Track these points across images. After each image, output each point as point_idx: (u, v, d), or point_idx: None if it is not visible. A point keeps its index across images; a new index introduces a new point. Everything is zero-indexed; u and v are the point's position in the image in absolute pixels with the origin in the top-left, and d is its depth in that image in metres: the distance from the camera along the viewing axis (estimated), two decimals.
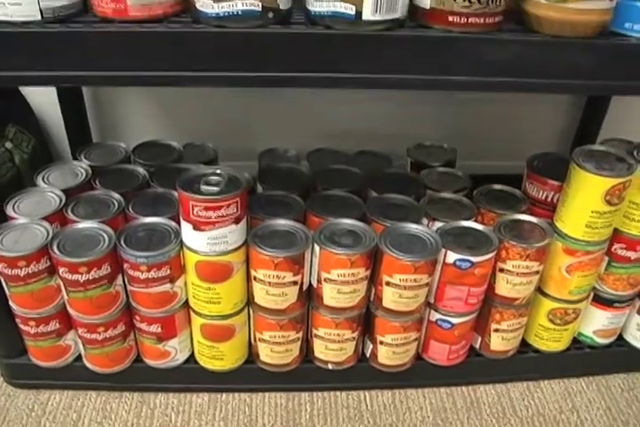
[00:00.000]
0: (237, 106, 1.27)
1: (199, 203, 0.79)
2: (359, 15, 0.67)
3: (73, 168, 1.04)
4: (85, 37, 0.68)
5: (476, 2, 0.68)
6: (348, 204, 0.96)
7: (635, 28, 0.74)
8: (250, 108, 1.27)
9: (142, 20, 0.69)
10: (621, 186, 0.88)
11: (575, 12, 0.70)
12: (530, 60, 0.71)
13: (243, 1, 0.66)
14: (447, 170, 1.09)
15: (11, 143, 1.16)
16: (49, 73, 0.70)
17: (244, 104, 1.26)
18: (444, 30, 0.70)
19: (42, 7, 0.69)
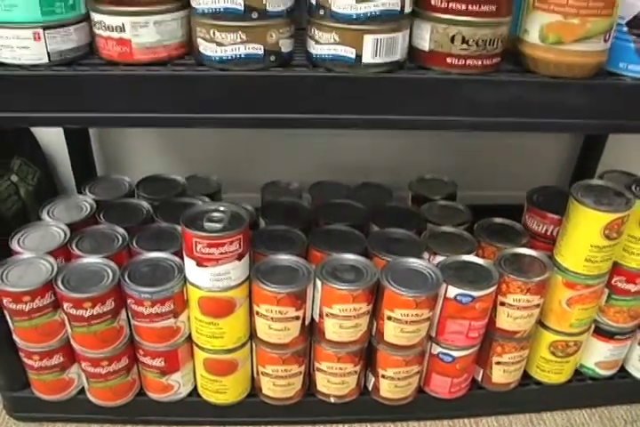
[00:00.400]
0: (240, 139, 1.28)
1: (202, 240, 0.80)
2: (359, 58, 0.68)
3: (78, 202, 1.05)
4: (91, 80, 0.70)
5: (473, 44, 0.70)
6: (349, 238, 0.97)
7: (629, 67, 0.75)
8: (252, 140, 1.28)
9: (147, 62, 0.71)
10: (620, 221, 0.88)
11: (571, 54, 0.71)
12: (527, 101, 0.72)
13: (245, 45, 0.67)
14: (448, 203, 1.10)
15: (16, 176, 1.17)
16: (56, 114, 0.71)
17: (247, 137, 1.28)
18: (442, 72, 0.71)
19: (49, 50, 0.71)
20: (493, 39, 0.70)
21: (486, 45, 0.70)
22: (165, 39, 0.70)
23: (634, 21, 0.73)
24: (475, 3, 0.68)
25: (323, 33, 0.68)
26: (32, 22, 0.69)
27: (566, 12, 0.69)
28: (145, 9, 0.68)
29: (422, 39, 0.71)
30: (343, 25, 0.67)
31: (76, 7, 0.71)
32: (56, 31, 0.70)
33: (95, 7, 0.69)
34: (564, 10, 0.69)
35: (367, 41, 0.67)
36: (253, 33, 0.67)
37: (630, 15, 0.73)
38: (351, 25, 0.67)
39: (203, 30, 0.68)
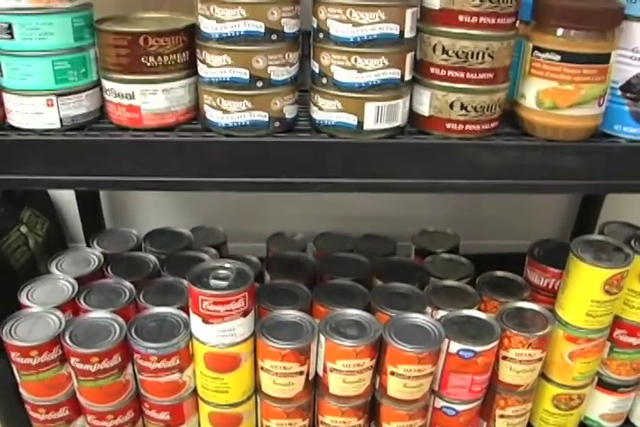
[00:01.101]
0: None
1: (208, 297, 0.82)
2: (361, 125, 0.71)
3: (86, 255, 1.07)
4: (102, 145, 0.72)
5: (472, 110, 0.72)
6: (353, 293, 0.98)
7: (624, 129, 0.78)
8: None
9: (155, 128, 0.73)
10: (619, 276, 0.90)
11: (567, 119, 0.73)
12: (525, 164, 0.74)
13: (251, 112, 0.70)
14: (451, 256, 1.12)
15: (26, 227, 1.19)
16: (67, 178, 0.73)
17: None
18: (442, 137, 0.73)
19: (62, 116, 0.73)
20: (491, 105, 0.72)
21: (484, 111, 0.72)
22: (173, 105, 0.73)
23: (627, 86, 0.76)
24: (473, 71, 0.70)
25: (325, 100, 0.70)
26: (46, 90, 0.72)
27: (561, 79, 0.72)
28: (154, 77, 0.71)
29: (422, 105, 0.74)
30: (345, 93, 0.69)
31: (88, 75, 0.74)
32: (68, 98, 0.73)
33: (106, 75, 0.72)
34: (559, 77, 0.72)
35: (369, 108, 0.70)
36: (258, 101, 0.69)
37: (623, 80, 0.76)
38: (353, 93, 0.69)
39: (209, 98, 0.70)
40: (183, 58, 0.71)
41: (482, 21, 0.68)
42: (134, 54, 0.69)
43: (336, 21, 0.67)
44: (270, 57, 0.68)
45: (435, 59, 0.71)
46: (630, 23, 0.73)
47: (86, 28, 0.73)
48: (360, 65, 0.68)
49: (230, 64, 0.68)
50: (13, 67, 0.71)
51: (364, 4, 0.66)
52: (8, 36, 0.70)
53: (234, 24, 0.66)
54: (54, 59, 0.71)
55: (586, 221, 1.36)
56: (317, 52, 0.70)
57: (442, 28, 0.70)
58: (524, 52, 0.75)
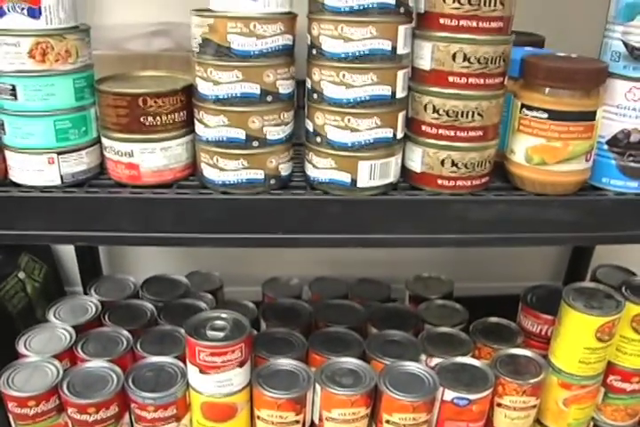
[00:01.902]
0: None
1: (205, 349, 0.83)
2: (354, 182, 0.72)
3: (83, 303, 1.08)
4: (101, 202, 0.74)
5: (462, 167, 0.74)
6: (348, 341, 0.99)
7: (611, 182, 0.80)
8: None
9: (154, 184, 0.75)
10: (611, 324, 0.91)
11: (555, 174, 0.75)
12: (515, 218, 0.76)
13: (247, 170, 0.71)
14: (445, 302, 1.13)
15: (23, 273, 1.20)
16: (67, 233, 0.75)
17: None
18: (433, 192, 0.75)
19: (62, 173, 0.75)
20: (481, 161, 0.74)
21: (475, 168, 0.74)
22: (171, 163, 0.75)
23: (613, 140, 0.78)
24: (463, 129, 0.72)
25: (320, 158, 0.72)
26: (47, 148, 0.74)
27: (549, 136, 0.74)
28: (153, 136, 0.73)
29: (414, 161, 0.76)
30: (339, 152, 0.71)
31: (88, 133, 0.76)
32: (69, 155, 0.75)
33: (106, 133, 0.74)
34: (547, 134, 0.74)
35: (362, 167, 0.71)
36: (254, 160, 0.71)
37: (609, 135, 0.78)
38: (346, 152, 0.71)
39: (206, 156, 0.72)
40: (181, 117, 0.73)
41: (471, 82, 0.70)
42: (133, 114, 0.71)
43: (330, 83, 0.69)
44: (266, 117, 0.70)
45: (426, 117, 0.73)
46: (614, 80, 0.76)
47: (87, 88, 0.75)
48: (353, 125, 0.70)
49: (227, 124, 0.70)
50: (16, 126, 0.73)
51: (356, 67, 0.68)
52: (12, 97, 0.72)
53: (230, 86, 0.68)
54: (56, 118, 0.73)
55: (578, 262, 1.37)
56: (312, 111, 0.72)
57: (432, 87, 0.72)
58: (512, 109, 0.77)
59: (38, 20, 0.70)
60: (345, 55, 0.67)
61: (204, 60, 0.69)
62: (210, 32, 0.67)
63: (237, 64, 0.67)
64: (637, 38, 0.74)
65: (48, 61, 0.71)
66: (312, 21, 0.69)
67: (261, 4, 0.67)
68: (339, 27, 0.67)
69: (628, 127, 0.77)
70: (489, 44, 0.69)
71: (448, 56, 0.70)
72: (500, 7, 0.68)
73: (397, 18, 0.67)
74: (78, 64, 0.73)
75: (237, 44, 0.67)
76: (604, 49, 0.78)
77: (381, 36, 0.67)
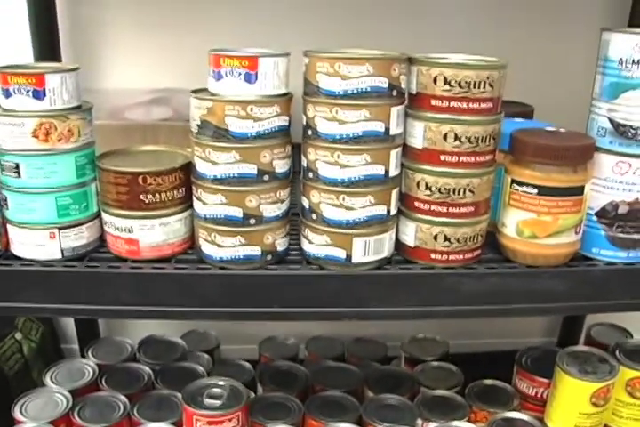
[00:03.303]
0: None
1: (202, 417, 0.83)
2: (349, 258, 0.74)
3: (80, 366, 1.08)
4: (101, 277, 0.75)
5: (455, 241, 0.75)
6: (344, 405, 1.00)
7: (601, 252, 0.81)
8: None
9: (153, 259, 0.76)
10: (606, 389, 0.92)
11: (546, 247, 0.77)
12: (507, 289, 0.77)
13: (244, 247, 0.73)
14: (440, 364, 1.14)
15: (20, 333, 1.21)
16: (67, 306, 0.76)
17: None
18: (427, 266, 0.77)
19: (63, 248, 0.77)
20: (473, 235, 0.76)
21: (467, 242, 0.76)
22: (170, 238, 0.76)
23: (602, 212, 0.80)
24: (455, 205, 0.74)
25: (315, 235, 0.74)
26: (49, 224, 0.75)
27: (539, 211, 0.76)
28: (152, 213, 0.75)
29: (407, 235, 0.77)
30: (334, 229, 0.73)
31: (89, 208, 0.78)
32: (70, 230, 0.77)
33: (106, 209, 0.76)
34: (537, 209, 0.76)
35: (357, 243, 0.73)
36: (251, 237, 0.73)
37: (598, 206, 0.80)
38: (341, 229, 0.73)
39: (204, 232, 0.74)
40: (180, 193, 0.75)
41: (462, 160, 0.73)
42: (134, 192, 0.73)
43: (325, 163, 0.71)
44: (262, 196, 0.72)
45: (419, 194, 0.75)
46: (601, 155, 0.78)
47: (88, 165, 0.77)
48: (348, 203, 0.71)
49: (224, 203, 0.72)
50: (19, 202, 0.75)
51: (351, 149, 0.70)
52: (15, 175, 0.74)
53: (228, 167, 0.70)
54: (58, 195, 0.75)
55: (573, 319, 1.38)
56: (307, 189, 0.74)
57: (425, 166, 0.74)
58: (503, 183, 0.79)
59: (42, 101, 0.72)
60: (340, 137, 0.69)
61: (202, 140, 0.71)
62: (208, 114, 0.70)
63: (235, 146, 0.69)
64: (622, 115, 0.76)
65: (51, 141, 0.73)
66: (307, 103, 0.71)
67: (258, 87, 0.69)
68: (333, 109, 0.69)
69: (616, 199, 0.79)
70: (479, 124, 0.71)
71: (439, 136, 0.72)
72: (489, 89, 0.71)
73: (390, 100, 0.70)
74: (80, 142, 0.75)
75: (235, 127, 0.69)
76: (591, 124, 0.80)
77: (375, 118, 0.69)
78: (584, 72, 0.84)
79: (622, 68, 0.75)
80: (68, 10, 1.12)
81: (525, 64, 1.08)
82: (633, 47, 0.74)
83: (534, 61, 1.15)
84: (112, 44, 1.14)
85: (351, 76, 0.68)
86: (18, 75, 0.72)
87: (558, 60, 1.17)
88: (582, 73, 0.86)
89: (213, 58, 0.70)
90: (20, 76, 0.72)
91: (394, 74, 0.69)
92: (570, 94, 0.99)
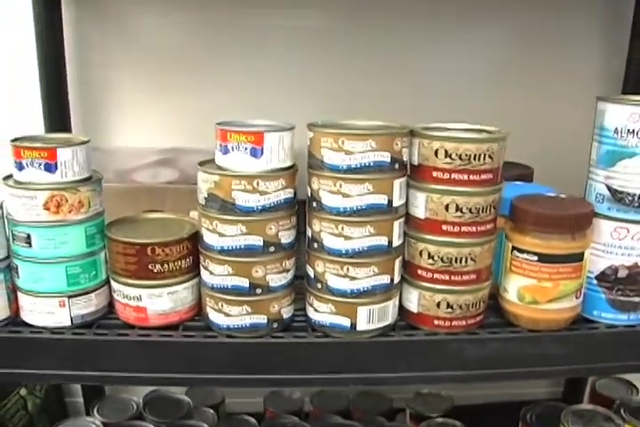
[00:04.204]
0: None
1: None
2: (354, 326, 0.75)
3: (86, 425, 1.09)
4: (109, 344, 0.76)
5: (457, 308, 0.77)
6: None
7: (602, 315, 0.82)
8: None
9: (160, 326, 0.77)
10: None
11: (547, 312, 0.78)
12: (509, 354, 0.79)
13: (251, 316, 0.74)
14: (445, 420, 1.14)
15: (25, 390, 1.22)
16: (76, 373, 0.77)
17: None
18: (430, 332, 0.78)
19: (72, 315, 0.78)
20: (475, 302, 0.78)
21: (469, 308, 0.77)
22: (177, 305, 0.78)
23: (601, 276, 0.81)
24: (457, 274, 0.76)
25: (320, 303, 0.75)
26: (59, 292, 0.77)
27: (540, 277, 0.77)
28: (160, 282, 0.76)
29: (411, 302, 0.79)
30: (338, 298, 0.74)
31: (98, 276, 0.79)
32: (79, 298, 0.78)
33: (115, 278, 0.77)
34: (538, 275, 0.77)
35: (361, 312, 0.75)
36: (258, 306, 0.75)
37: (598, 270, 0.81)
38: (346, 298, 0.74)
39: (212, 301, 0.76)
40: (187, 262, 0.77)
41: (464, 230, 0.74)
42: (142, 262, 0.75)
43: (329, 234, 0.73)
44: (269, 266, 0.73)
45: (421, 262, 0.76)
46: (599, 220, 0.80)
47: (98, 234, 0.79)
48: (352, 274, 0.73)
49: (231, 273, 0.73)
50: (29, 271, 0.77)
51: (355, 221, 0.72)
52: (26, 245, 0.75)
53: (234, 239, 0.72)
54: (68, 265, 0.76)
55: None
56: (312, 259, 0.75)
57: (427, 235, 0.76)
58: (504, 248, 0.80)
59: (54, 174, 0.74)
60: (344, 209, 0.71)
61: (209, 213, 0.73)
62: (215, 188, 0.72)
63: (241, 219, 0.71)
64: (619, 183, 0.78)
65: (62, 212, 0.75)
66: (312, 176, 0.73)
67: (264, 162, 0.71)
68: (337, 183, 0.71)
69: (615, 263, 0.80)
70: (480, 195, 0.73)
71: (441, 206, 0.74)
72: (489, 161, 0.73)
73: (392, 173, 0.72)
74: (90, 213, 0.77)
75: (241, 201, 0.71)
76: (589, 190, 0.82)
77: (378, 191, 0.71)
78: (582, 131, 0.86)
79: (618, 137, 0.77)
80: (78, 71, 1.15)
81: (524, 123, 1.11)
82: (628, 117, 0.76)
83: (533, 121, 1.17)
84: (120, 104, 1.17)
85: (355, 151, 0.70)
86: (31, 149, 0.74)
87: (557, 120, 1.19)
88: (580, 132, 0.88)
89: (220, 132, 0.72)
90: (32, 150, 0.74)
91: (396, 148, 0.71)
92: (569, 153, 1.01)
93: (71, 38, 1.13)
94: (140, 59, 1.14)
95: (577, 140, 0.91)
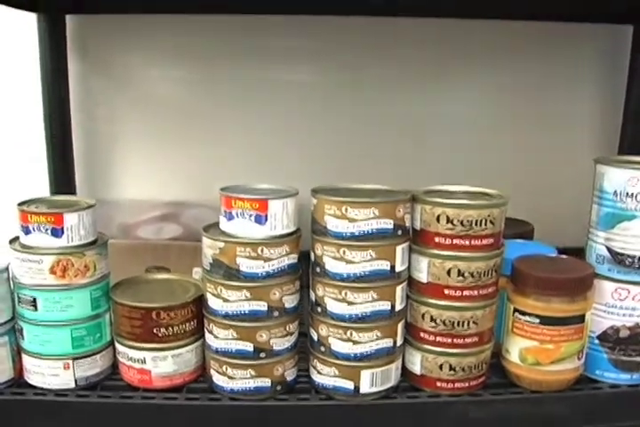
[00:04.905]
0: None
1: None
2: (357, 389, 0.76)
3: None
4: (113, 408, 0.76)
5: (460, 370, 0.77)
6: None
7: (605, 374, 0.83)
8: None
9: (164, 389, 0.78)
10: None
11: (549, 373, 0.79)
12: (513, 415, 0.79)
13: (254, 379, 0.75)
14: None
15: None
16: None
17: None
18: (433, 394, 0.78)
19: (76, 377, 0.78)
20: (478, 364, 0.78)
21: (472, 370, 0.78)
22: (181, 368, 0.78)
23: (603, 336, 0.82)
24: (459, 337, 0.76)
25: (324, 366, 0.76)
26: (63, 355, 0.77)
27: (541, 339, 0.78)
28: (164, 345, 0.77)
29: (414, 364, 0.79)
30: (342, 362, 0.75)
31: (102, 338, 0.80)
32: (84, 360, 0.78)
33: (120, 340, 0.78)
34: (539, 337, 0.78)
35: (364, 375, 0.75)
36: (262, 369, 0.75)
37: (600, 330, 0.82)
38: (349, 362, 0.75)
39: (216, 364, 0.76)
40: (192, 326, 0.78)
41: (465, 294, 0.75)
42: (147, 326, 0.76)
43: (332, 300, 0.73)
44: (273, 331, 0.74)
45: (424, 325, 0.77)
46: (600, 281, 0.81)
47: (103, 297, 0.79)
48: (355, 338, 0.74)
49: (235, 338, 0.74)
50: (35, 334, 0.77)
51: (358, 287, 0.72)
52: (32, 308, 0.76)
53: (239, 304, 0.73)
54: (73, 328, 0.77)
55: None
56: (316, 323, 0.76)
57: (429, 299, 0.76)
58: (506, 310, 0.81)
59: (60, 238, 0.75)
60: (347, 275, 0.72)
61: (214, 278, 0.73)
62: (220, 254, 0.73)
63: (246, 285, 0.72)
64: (619, 245, 0.79)
65: (68, 277, 0.75)
66: (316, 242, 0.74)
67: (268, 228, 0.72)
68: (341, 250, 0.72)
69: (617, 324, 0.81)
70: (481, 259, 0.74)
71: (443, 271, 0.74)
72: (490, 226, 0.74)
73: (395, 240, 0.73)
74: (96, 277, 0.78)
75: (246, 267, 0.72)
76: (589, 251, 0.83)
77: (381, 257, 0.72)
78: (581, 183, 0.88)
79: (617, 199, 0.78)
80: (83, 124, 1.16)
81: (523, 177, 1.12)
82: (626, 181, 0.78)
83: (534, 175, 1.19)
84: (124, 156, 1.18)
85: (358, 219, 0.71)
86: (38, 214, 0.75)
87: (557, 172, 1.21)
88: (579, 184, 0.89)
89: (225, 199, 0.73)
90: (39, 215, 0.75)
91: (398, 215, 0.72)
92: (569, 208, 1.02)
93: (77, 92, 1.14)
94: (144, 112, 1.16)
95: (576, 192, 0.92)
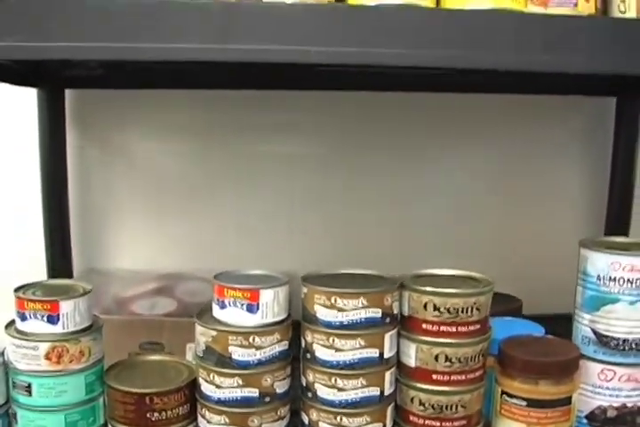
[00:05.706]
0: None
1: None
2: None
3: None
4: None
5: None
6: None
7: None
8: None
9: None
10: None
11: None
12: None
13: None
14: None
15: None
16: None
17: None
18: None
19: None
20: None
21: None
22: None
23: (591, 415, 0.83)
24: (448, 420, 0.78)
25: None
26: None
27: (529, 422, 0.79)
28: None
29: None
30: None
31: (96, 421, 0.81)
32: None
33: (113, 424, 0.79)
34: (527, 419, 0.79)
35: None
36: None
37: (588, 410, 0.83)
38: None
39: None
40: (185, 409, 0.79)
41: (453, 379, 0.76)
42: (140, 410, 0.77)
43: (322, 386, 0.75)
44: (264, 416, 0.75)
45: (413, 409, 0.78)
46: (586, 362, 0.82)
47: (97, 381, 0.80)
48: (345, 423, 0.74)
49: (228, 423, 0.75)
50: (28, 419, 0.78)
51: (347, 374, 0.74)
52: (26, 393, 0.77)
53: (231, 390, 0.75)
54: (67, 413, 0.78)
55: None
56: (306, 408, 0.78)
57: (418, 383, 0.78)
58: (494, 391, 0.82)
59: (56, 325, 0.77)
60: (336, 363, 0.74)
61: (207, 365, 0.75)
62: (212, 342, 0.74)
63: (238, 372, 0.74)
64: (604, 327, 0.81)
65: (63, 363, 0.77)
66: (305, 329, 0.76)
67: (259, 317, 0.74)
68: (330, 338, 0.74)
69: (604, 404, 0.83)
70: (468, 345, 0.76)
71: (431, 357, 0.76)
72: (476, 313, 0.76)
73: (383, 328, 0.75)
74: (90, 362, 0.79)
75: (238, 355, 0.73)
76: (575, 332, 0.85)
77: (369, 345, 0.74)
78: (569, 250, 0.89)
79: (600, 283, 0.81)
80: (80, 195, 1.19)
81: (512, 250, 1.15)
82: (609, 265, 0.80)
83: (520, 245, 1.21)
84: (119, 227, 1.20)
85: (347, 308, 0.73)
86: (34, 301, 0.77)
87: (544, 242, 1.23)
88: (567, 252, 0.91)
89: (217, 288, 0.75)
90: (35, 302, 0.76)
91: (387, 304, 0.74)
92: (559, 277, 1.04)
93: (74, 164, 1.17)
94: (139, 185, 1.18)
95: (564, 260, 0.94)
